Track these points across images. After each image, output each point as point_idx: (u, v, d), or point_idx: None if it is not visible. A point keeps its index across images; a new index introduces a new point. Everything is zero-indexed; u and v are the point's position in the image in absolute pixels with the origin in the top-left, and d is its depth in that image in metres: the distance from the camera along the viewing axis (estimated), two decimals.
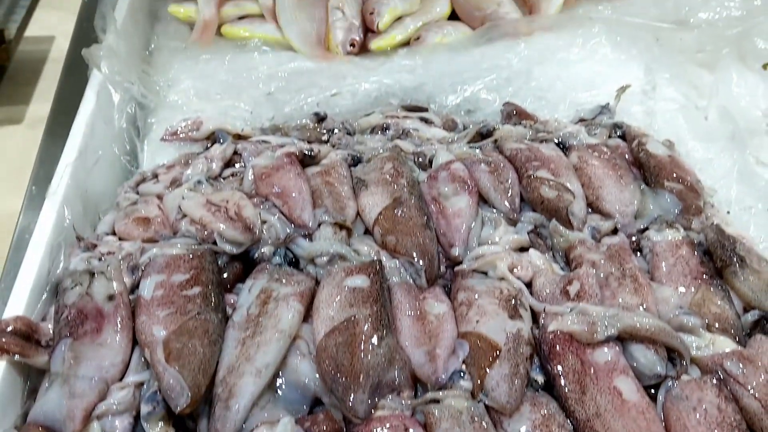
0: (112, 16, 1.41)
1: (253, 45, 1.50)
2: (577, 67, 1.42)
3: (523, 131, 1.21)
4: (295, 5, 1.54)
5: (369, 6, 1.58)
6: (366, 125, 1.32)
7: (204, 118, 1.29)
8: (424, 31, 1.56)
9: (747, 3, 1.57)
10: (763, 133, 1.31)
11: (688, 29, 1.50)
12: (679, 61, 1.45)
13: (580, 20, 1.48)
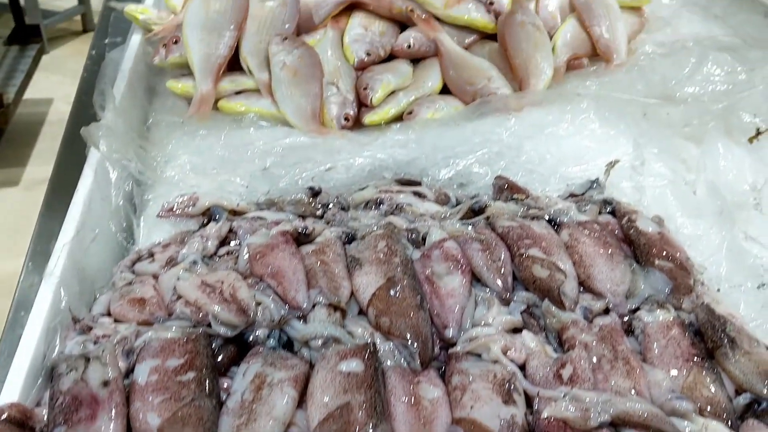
0: (111, 93, 1.44)
1: (250, 120, 1.53)
2: (566, 141, 1.45)
3: (515, 208, 1.23)
4: (291, 81, 1.57)
5: (363, 81, 1.62)
6: (360, 200, 1.34)
7: (200, 194, 1.30)
8: (416, 106, 1.59)
9: (732, 77, 1.61)
10: (750, 207, 1.33)
11: (674, 104, 1.53)
12: (666, 135, 1.48)
13: (569, 96, 1.52)
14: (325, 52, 1.68)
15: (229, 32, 1.62)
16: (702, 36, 1.80)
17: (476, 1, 1.79)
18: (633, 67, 1.67)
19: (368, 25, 1.74)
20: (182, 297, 1.02)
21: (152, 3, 1.87)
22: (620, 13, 1.80)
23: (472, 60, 1.68)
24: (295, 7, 1.70)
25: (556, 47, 1.73)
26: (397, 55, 1.73)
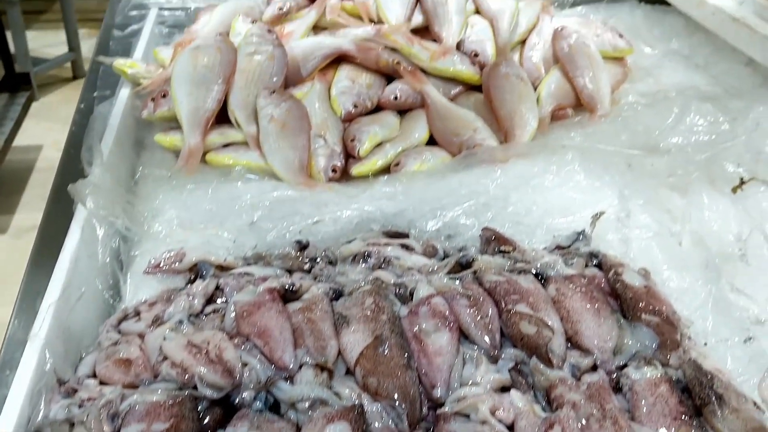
0: (99, 148, 1.45)
1: (237, 173, 1.54)
2: (552, 193, 1.46)
3: (502, 262, 1.23)
4: (279, 133, 1.58)
5: (350, 133, 1.63)
6: (348, 253, 1.34)
7: (187, 249, 1.30)
8: (403, 157, 1.61)
9: (714, 127, 1.63)
10: (736, 258, 1.34)
11: (658, 154, 1.55)
12: (651, 185, 1.50)
13: (554, 148, 1.54)
14: (313, 104, 1.69)
15: (217, 86, 1.64)
16: (684, 86, 1.83)
17: (461, 53, 1.82)
18: (617, 117, 1.69)
19: (355, 78, 1.76)
20: (168, 358, 1.01)
21: (141, 57, 1.89)
22: (603, 64, 1.83)
23: (458, 111, 1.70)
24: (282, 60, 1.72)
25: (540, 98, 1.76)
26: (383, 106, 1.75)
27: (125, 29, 2.09)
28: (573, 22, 1.96)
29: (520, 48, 1.93)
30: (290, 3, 1.94)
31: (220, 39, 1.74)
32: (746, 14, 1.73)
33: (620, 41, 1.92)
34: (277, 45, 1.73)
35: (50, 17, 6.04)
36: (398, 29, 1.79)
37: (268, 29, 1.77)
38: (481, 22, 1.91)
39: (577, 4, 2.32)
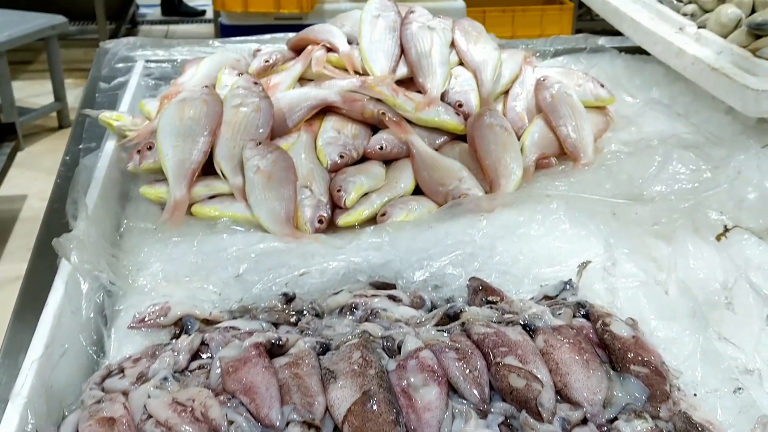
0: (84, 202, 1.44)
1: (223, 225, 1.53)
2: (538, 242, 1.46)
3: (490, 313, 1.23)
4: (265, 185, 1.58)
5: (336, 183, 1.64)
6: (335, 305, 1.33)
7: (172, 304, 1.29)
8: (389, 207, 1.61)
9: (696, 175, 1.65)
10: (722, 306, 1.34)
11: (642, 203, 1.56)
12: (636, 233, 1.51)
13: (539, 197, 1.55)
14: (299, 155, 1.70)
15: (203, 138, 1.64)
16: (666, 134, 1.85)
17: (446, 103, 1.84)
18: (600, 166, 1.70)
19: (341, 128, 1.77)
20: (153, 416, 0.99)
21: (127, 109, 1.90)
22: (585, 113, 1.86)
23: (443, 161, 1.71)
24: (268, 112, 1.73)
25: (524, 148, 1.77)
26: (369, 157, 1.76)
27: (111, 81, 2.10)
28: (555, 73, 1.99)
29: (504, 98, 1.96)
30: (276, 55, 1.96)
31: (206, 91, 1.75)
32: (724, 64, 1.76)
33: (602, 91, 1.95)
34: (263, 97, 1.75)
35: (36, 67, 6.07)
36: (383, 80, 1.81)
37: (254, 81, 1.79)
38: (464, 73, 1.93)
39: (558, 54, 2.36)
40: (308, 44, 1.96)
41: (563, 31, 5.67)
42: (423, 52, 1.90)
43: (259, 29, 3.34)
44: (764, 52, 1.73)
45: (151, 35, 7.06)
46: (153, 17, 7.59)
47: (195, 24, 7.43)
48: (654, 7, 2.11)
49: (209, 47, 2.33)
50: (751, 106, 1.66)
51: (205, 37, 6.53)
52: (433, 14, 2.08)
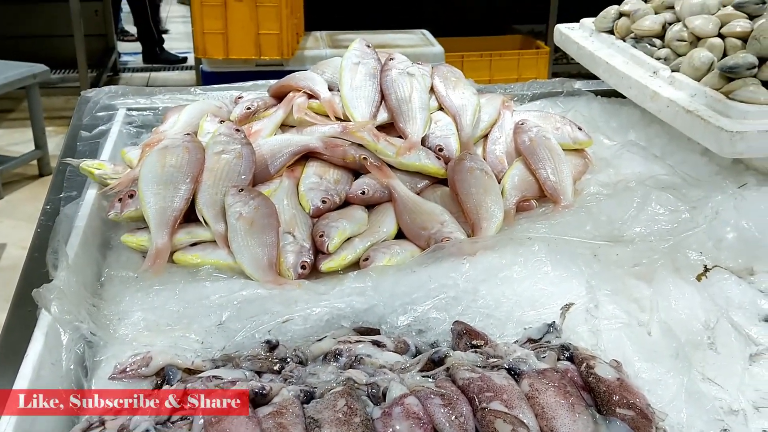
0: (65, 251, 1.43)
1: (205, 272, 1.52)
2: (521, 285, 1.47)
3: (474, 357, 1.23)
4: (247, 231, 1.58)
5: (318, 229, 1.64)
6: (318, 352, 1.32)
7: (153, 353, 1.28)
8: (372, 252, 1.61)
9: (675, 216, 1.67)
10: (705, 346, 1.35)
11: (622, 244, 1.57)
12: (617, 275, 1.52)
13: (520, 239, 1.56)
14: (281, 201, 1.70)
15: (185, 185, 1.65)
16: (644, 175, 1.87)
17: (426, 148, 1.86)
18: (580, 208, 1.72)
19: (323, 174, 1.78)
20: None
21: (108, 157, 1.90)
22: (564, 156, 1.88)
23: (425, 205, 1.72)
24: (250, 158, 1.74)
25: (505, 191, 1.79)
26: (352, 201, 1.76)
27: (93, 130, 2.10)
28: (533, 116, 2.02)
29: (483, 142, 1.98)
30: (258, 102, 1.98)
31: (188, 138, 1.76)
32: (699, 106, 1.80)
33: (579, 133, 1.98)
34: (245, 143, 1.76)
35: (17, 116, 6.07)
36: (364, 126, 1.82)
37: (235, 128, 1.80)
38: (444, 118, 1.96)
39: (536, 98, 2.40)
40: (289, 91, 1.98)
41: (540, 75, 5.77)
42: (403, 98, 1.92)
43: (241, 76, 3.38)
44: (737, 95, 1.76)
45: (132, 83, 7.09)
46: (134, 65, 7.64)
47: (176, 71, 7.48)
48: (628, 52, 2.15)
49: (191, 94, 2.34)
50: (726, 147, 1.69)
51: (187, 84, 6.57)
52: (412, 60, 2.11)
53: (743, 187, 1.76)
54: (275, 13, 4.69)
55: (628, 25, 2.23)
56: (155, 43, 7.53)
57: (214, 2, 4.63)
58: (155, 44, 7.53)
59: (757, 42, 1.82)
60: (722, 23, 1.97)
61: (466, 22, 7.03)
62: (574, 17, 2.64)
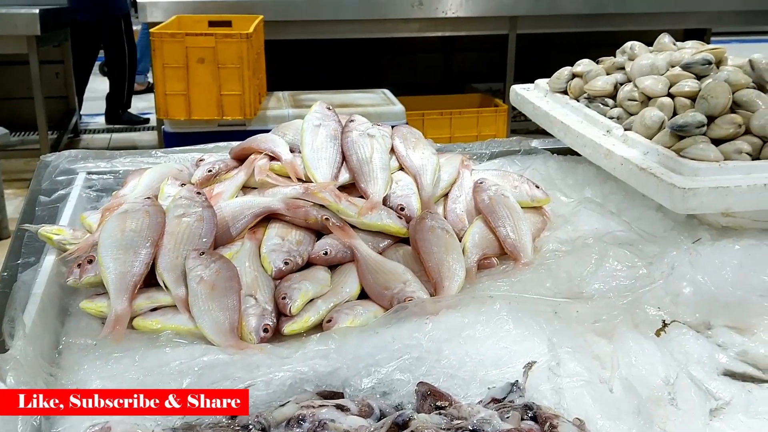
0: (21, 319, 1.41)
1: (166, 338, 1.51)
2: (484, 344, 1.47)
3: (438, 419, 1.22)
4: (208, 295, 1.57)
5: (281, 291, 1.63)
6: (281, 417, 1.30)
7: (112, 423, 1.25)
8: (335, 313, 1.61)
9: (633, 272, 1.70)
10: (666, 402, 1.36)
11: (582, 301, 1.60)
12: (578, 332, 1.53)
13: (482, 298, 1.57)
14: (243, 263, 1.70)
15: (145, 249, 1.64)
16: (601, 232, 1.91)
17: (388, 207, 1.88)
18: (540, 265, 1.74)
19: (285, 235, 1.78)
20: None
21: (67, 222, 1.88)
22: (523, 214, 1.91)
23: (388, 264, 1.73)
24: (211, 221, 1.74)
25: (466, 249, 1.81)
26: (314, 262, 1.77)
27: (52, 194, 2.09)
28: (491, 175, 2.06)
29: (444, 201, 2.01)
30: (219, 164, 1.99)
31: (149, 202, 1.76)
32: (651, 164, 1.84)
33: (537, 191, 2.02)
34: (206, 206, 1.76)
35: None
36: (326, 187, 1.84)
37: (197, 191, 1.80)
38: (405, 178, 1.98)
39: (494, 157, 2.44)
40: (251, 153, 2.00)
41: (499, 132, 5.90)
42: (364, 159, 1.94)
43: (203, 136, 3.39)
44: (688, 152, 1.82)
45: (93, 144, 7.06)
46: (96, 126, 7.62)
47: (138, 132, 7.47)
48: (582, 111, 2.21)
49: (152, 157, 2.34)
50: (679, 203, 1.74)
51: (149, 144, 6.56)
52: (374, 119, 2.14)
53: (697, 243, 1.80)
54: (237, 74, 4.73)
55: (581, 86, 2.29)
56: (121, 106, 7.52)
57: (177, 64, 4.67)
58: (121, 107, 7.53)
59: (705, 101, 1.89)
60: (671, 83, 2.04)
61: (426, 82, 7.19)
62: (530, 75, 2.72)
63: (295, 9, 5.91)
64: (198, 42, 4.69)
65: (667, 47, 2.29)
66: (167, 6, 5.62)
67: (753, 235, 1.83)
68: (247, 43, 4.71)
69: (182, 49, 4.66)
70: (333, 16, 6.00)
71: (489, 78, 7.07)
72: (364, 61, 7.02)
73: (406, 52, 7.23)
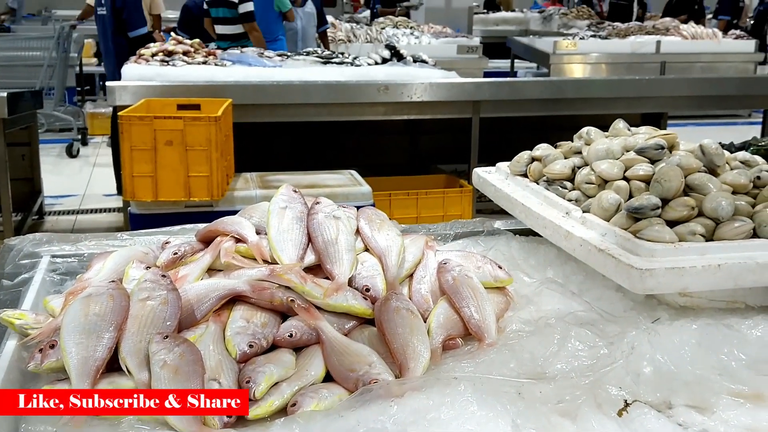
0: None
1: (128, 423, 1.48)
2: (449, 426, 1.47)
3: None
4: (171, 379, 1.56)
5: (245, 374, 1.63)
6: None
7: None
8: (300, 396, 1.60)
9: (594, 351, 1.73)
10: None
11: (545, 381, 1.61)
12: (543, 412, 1.54)
13: (447, 380, 1.57)
14: (207, 347, 1.69)
15: (108, 334, 1.63)
16: (563, 312, 1.94)
17: (353, 288, 1.90)
18: (503, 346, 1.76)
19: (250, 317, 1.78)
20: None
21: (30, 307, 1.86)
22: (486, 294, 1.94)
23: (353, 346, 1.74)
24: (176, 304, 1.73)
25: (431, 330, 1.82)
26: (279, 345, 1.76)
27: (15, 279, 2.07)
28: (455, 256, 2.09)
29: (409, 281, 2.03)
30: (185, 247, 2.00)
31: (113, 286, 1.76)
32: (609, 245, 1.90)
33: (500, 272, 2.06)
34: (170, 289, 1.76)
35: None
36: (291, 269, 1.85)
37: (161, 274, 1.80)
38: (370, 259, 2.01)
39: (458, 238, 2.49)
40: (217, 236, 2.01)
41: (464, 212, 5.98)
42: (329, 240, 1.97)
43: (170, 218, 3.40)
44: (644, 234, 1.88)
45: (58, 225, 7.01)
46: (61, 208, 7.58)
47: (104, 213, 7.44)
48: (542, 194, 2.28)
49: (118, 240, 2.34)
50: (637, 283, 1.78)
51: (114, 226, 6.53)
52: (341, 199, 2.18)
53: (657, 322, 1.83)
54: (205, 156, 4.76)
55: (540, 169, 2.37)
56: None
57: (144, 147, 4.69)
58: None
59: (659, 184, 1.96)
60: (626, 167, 2.12)
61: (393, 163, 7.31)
62: (494, 157, 2.81)
63: (264, 93, 6.04)
64: (166, 125, 4.74)
65: (622, 132, 2.39)
66: (136, 89, 5.70)
67: (710, 315, 1.88)
68: (215, 125, 4.76)
69: (150, 132, 4.70)
70: (301, 100, 6.13)
71: (454, 159, 7.20)
72: (333, 142, 7.13)
73: (373, 134, 7.36)
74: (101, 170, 8.95)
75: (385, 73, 6.87)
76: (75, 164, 8.94)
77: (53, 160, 8.71)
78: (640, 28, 13.23)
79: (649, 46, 12.39)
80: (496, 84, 7.00)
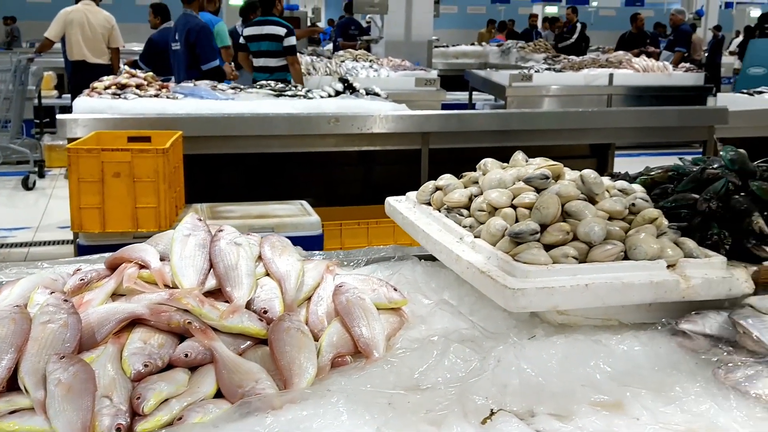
0: None
1: None
2: None
3: None
4: (64, 397, 1.65)
5: (136, 392, 1.73)
6: None
7: None
8: (187, 411, 1.70)
9: (468, 365, 1.85)
10: None
11: (416, 392, 1.73)
12: (412, 421, 1.66)
13: (322, 392, 1.69)
14: (103, 366, 1.79)
15: (8, 355, 1.72)
16: (449, 330, 2.07)
17: (251, 310, 2.01)
18: (386, 361, 1.88)
19: (147, 339, 1.89)
20: None
21: None
22: (377, 314, 2.06)
23: (244, 365, 1.84)
24: (76, 327, 1.83)
25: (321, 348, 1.94)
26: (175, 364, 1.86)
27: None
28: (353, 279, 2.21)
29: (307, 304, 2.15)
30: (92, 273, 2.10)
31: (16, 310, 1.85)
32: (491, 267, 2.03)
33: (395, 294, 2.18)
34: (71, 312, 1.86)
35: None
36: (190, 292, 1.96)
37: (64, 299, 1.90)
38: (270, 283, 2.13)
39: (370, 263, 2.62)
40: (123, 262, 2.12)
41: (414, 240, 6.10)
42: (230, 265, 2.09)
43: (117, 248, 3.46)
44: (521, 257, 2.01)
45: (10, 258, 7.03)
46: (14, 240, 7.60)
47: (57, 246, 7.47)
48: (441, 221, 2.42)
49: (38, 269, 2.43)
50: (511, 302, 1.92)
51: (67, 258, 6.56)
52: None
53: (532, 339, 1.97)
54: (153, 187, 4.86)
55: (441, 198, 2.51)
56: None
57: (92, 179, 4.78)
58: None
59: (539, 211, 2.11)
60: (514, 195, 2.26)
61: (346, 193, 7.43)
62: None
63: (215, 125, 6.15)
64: (114, 157, 4.83)
65: (519, 163, 2.55)
66: (87, 122, 5.80)
67: (583, 331, 2.02)
68: (163, 157, 4.87)
69: (98, 164, 4.79)
70: (253, 132, 6.25)
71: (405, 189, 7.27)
72: (287, 174, 7.25)
73: (327, 165, 7.50)
74: (57, 202, 8.96)
75: (337, 105, 7.05)
76: (31, 197, 8.98)
77: (9, 193, 8.75)
78: (593, 61, 13.58)
79: (602, 79, 12.74)
80: (445, 116, 7.16)
